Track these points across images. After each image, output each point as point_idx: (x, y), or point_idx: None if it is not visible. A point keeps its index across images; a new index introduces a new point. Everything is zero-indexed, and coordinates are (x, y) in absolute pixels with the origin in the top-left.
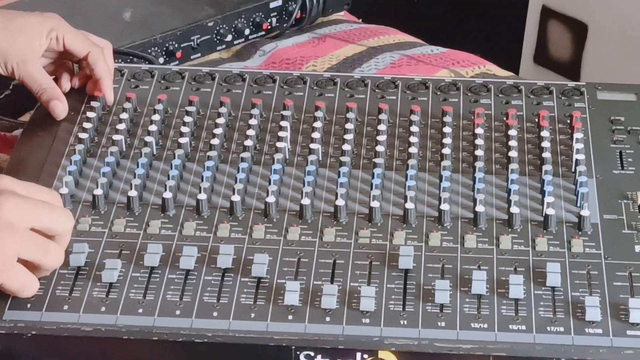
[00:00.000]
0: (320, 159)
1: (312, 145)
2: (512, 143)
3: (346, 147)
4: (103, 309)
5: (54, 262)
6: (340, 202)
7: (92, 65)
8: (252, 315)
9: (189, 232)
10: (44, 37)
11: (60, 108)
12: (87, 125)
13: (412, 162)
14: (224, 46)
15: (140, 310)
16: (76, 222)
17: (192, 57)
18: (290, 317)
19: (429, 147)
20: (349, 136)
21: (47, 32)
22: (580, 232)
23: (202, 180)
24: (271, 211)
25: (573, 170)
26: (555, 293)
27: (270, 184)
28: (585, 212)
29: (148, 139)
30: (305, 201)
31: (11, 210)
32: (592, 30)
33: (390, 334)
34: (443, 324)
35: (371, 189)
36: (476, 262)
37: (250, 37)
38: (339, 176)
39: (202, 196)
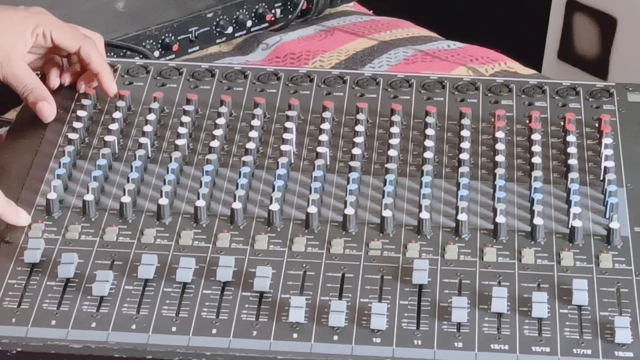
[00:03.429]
0: (328, 163)
1: (319, 149)
2: (536, 148)
3: (356, 151)
4: (93, 324)
5: None
6: (349, 210)
7: (86, 60)
8: (254, 332)
9: (187, 241)
10: (29, 34)
11: (47, 110)
12: (77, 124)
13: (427, 168)
14: (224, 39)
15: (134, 327)
16: (65, 230)
17: (189, 50)
18: (295, 335)
19: (445, 151)
20: (359, 139)
21: (33, 29)
22: (609, 246)
23: (201, 186)
24: (275, 220)
25: (601, 178)
26: (582, 312)
27: (274, 190)
28: (614, 224)
29: (143, 140)
30: (312, 209)
31: None
32: (622, 25)
33: (403, 354)
34: (460, 344)
35: (383, 196)
36: (496, 277)
37: (252, 29)
38: (348, 182)
39: (201, 203)
